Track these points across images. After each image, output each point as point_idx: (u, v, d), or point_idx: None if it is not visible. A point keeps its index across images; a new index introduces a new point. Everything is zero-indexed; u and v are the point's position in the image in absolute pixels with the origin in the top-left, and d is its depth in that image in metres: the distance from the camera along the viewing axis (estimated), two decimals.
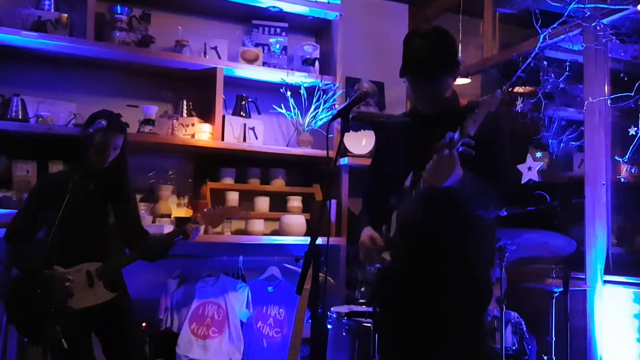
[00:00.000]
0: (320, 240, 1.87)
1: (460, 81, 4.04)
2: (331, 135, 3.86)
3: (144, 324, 3.46)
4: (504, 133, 2.06)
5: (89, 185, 2.66)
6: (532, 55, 3.56)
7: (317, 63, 4.08)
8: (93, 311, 2.58)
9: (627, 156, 3.12)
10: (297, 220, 3.87)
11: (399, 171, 2.08)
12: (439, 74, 1.96)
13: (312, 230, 3.84)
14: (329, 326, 3.12)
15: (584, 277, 3.24)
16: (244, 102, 3.99)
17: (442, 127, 1.96)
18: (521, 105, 3.63)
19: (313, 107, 3.96)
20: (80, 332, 2.60)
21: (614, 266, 3.18)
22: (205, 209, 2.80)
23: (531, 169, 3.43)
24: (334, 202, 3.92)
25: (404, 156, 2.11)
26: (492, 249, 2.16)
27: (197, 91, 3.94)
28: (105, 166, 2.64)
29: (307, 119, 3.98)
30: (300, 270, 1.83)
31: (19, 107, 3.39)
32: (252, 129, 3.89)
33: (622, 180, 3.20)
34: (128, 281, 2.83)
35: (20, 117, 3.38)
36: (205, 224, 2.79)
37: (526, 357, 3.12)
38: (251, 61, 3.89)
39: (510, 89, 3.77)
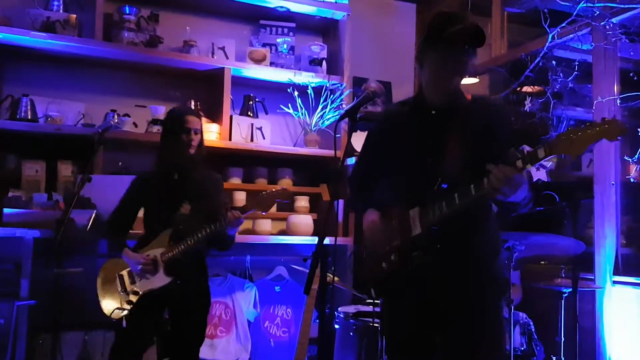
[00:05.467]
0: (327, 240, 1.87)
1: (468, 80, 4.03)
2: (338, 135, 3.86)
3: None
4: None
5: (171, 176, 2.75)
6: (541, 54, 3.54)
7: (324, 63, 4.07)
8: (156, 295, 2.67)
9: (636, 156, 3.10)
10: (304, 220, 3.87)
11: (407, 161, 2.06)
12: (474, 49, 1.95)
13: (319, 230, 3.84)
14: (336, 326, 3.12)
15: (593, 277, 3.22)
16: (251, 102, 4.00)
17: (452, 119, 2.00)
18: (530, 105, 3.62)
19: (320, 107, 3.96)
20: (141, 315, 2.69)
21: (623, 267, 3.16)
22: (258, 194, 2.79)
23: (540, 169, 3.41)
24: (341, 202, 3.91)
25: (411, 146, 2.06)
26: (499, 239, 2.17)
27: (205, 91, 3.95)
28: (191, 152, 2.72)
29: (315, 119, 3.98)
30: (307, 270, 1.83)
31: (28, 107, 3.42)
32: (260, 128, 3.89)
33: (632, 180, 3.18)
34: None
35: (29, 117, 3.41)
36: (254, 209, 2.74)
37: (535, 357, 3.10)
38: (259, 61, 3.89)
39: (518, 89, 3.76)
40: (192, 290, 2.73)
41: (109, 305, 2.75)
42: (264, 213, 3.05)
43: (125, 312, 2.68)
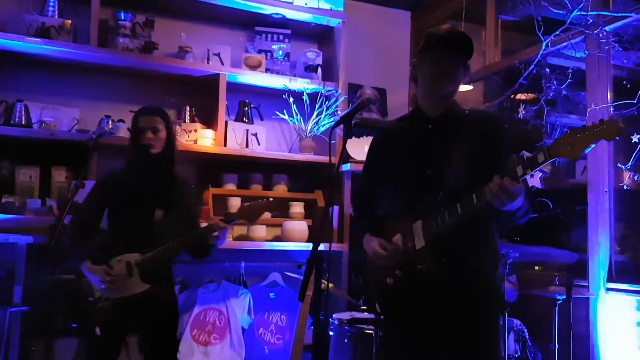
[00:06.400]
0: (322, 247, 1.86)
1: (462, 88, 4.04)
2: (333, 142, 3.86)
3: None
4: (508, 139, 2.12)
5: (139, 180, 2.68)
6: (535, 62, 3.56)
7: (319, 69, 4.08)
8: (129, 302, 2.59)
9: (629, 163, 3.11)
10: (299, 226, 3.86)
11: (406, 174, 2.09)
12: (466, 54, 2.02)
13: (314, 236, 3.84)
14: (331, 333, 3.11)
15: (586, 284, 3.23)
16: (246, 108, 4.00)
17: (450, 130, 2.05)
18: (523, 112, 3.63)
19: (315, 113, 3.96)
20: (114, 322, 2.60)
21: (616, 274, 3.17)
22: (245, 204, 2.74)
23: (533, 176, 3.41)
24: (336, 208, 3.92)
25: (411, 159, 2.09)
26: (499, 253, 2.19)
27: (200, 97, 3.95)
28: (153, 153, 2.66)
29: (310, 125, 3.98)
30: (302, 276, 1.83)
31: (23, 112, 3.41)
32: (255, 134, 3.89)
33: (625, 187, 3.20)
34: None
35: (23, 122, 3.40)
36: (241, 219, 2.70)
37: None
38: (254, 67, 3.90)
39: (512, 96, 3.78)
40: (162, 297, 2.67)
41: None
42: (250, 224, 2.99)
43: (96, 320, 2.58)
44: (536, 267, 3.56)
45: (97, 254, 2.65)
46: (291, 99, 3.89)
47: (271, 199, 2.71)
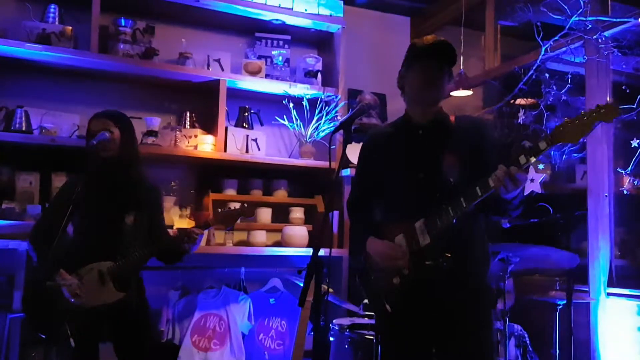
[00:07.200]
0: (322, 252, 1.86)
1: (462, 93, 4.06)
2: (333, 147, 3.86)
3: None
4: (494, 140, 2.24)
5: (102, 185, 2.62)
6: (534, 67, 3.57)
7: (319, 75, 4.09)
8: (102, 311, 2.52)
9: (629, 168, 3.12)
10: (299, 232, 3.86)
11: (400, 177, 2.14)
12: (449, 62, 2.10)
13: (314, 241, 3.84)
14: (331, 338, 3.11)
15: (587, 289, 3.22)
16: (246, 114, 4.00)
17: (440, 135, 2.12)
18: (523, 117, 3.64)
19: (315, 118, 3.97)
20: (89, 332, 2.54)
21: (617, 278, 3.16)
22: (219, 209, 2.73)
23: (533, 180, 3.43)
24: (336, 213, 3.92)
25: (404, 163, 2.15)
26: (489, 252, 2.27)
27: (200, 103, 3.95)
28: (105, 156, 2.58)
29: (310, 131, 3.99)
30: (302, 282, 1.83)
31: (23, 118, 3.41)
32: (255, 140, 3.90)
33: (625, 192, 3.20)
34: None
35: (23, 128, 3.40)
36: (217, 225, 2.71)
37: None
38: (254, 73, 3.91)
39: (512, 101, 3.78)
40: (133, 303, 2.62)
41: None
42: (228, 229, 2.94)
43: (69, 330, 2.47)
44: (537, 275, 3.57)
45: (64, 262, 2.54)
46: (291, 105, 3.90)
47: (245, 204, 2.71)
